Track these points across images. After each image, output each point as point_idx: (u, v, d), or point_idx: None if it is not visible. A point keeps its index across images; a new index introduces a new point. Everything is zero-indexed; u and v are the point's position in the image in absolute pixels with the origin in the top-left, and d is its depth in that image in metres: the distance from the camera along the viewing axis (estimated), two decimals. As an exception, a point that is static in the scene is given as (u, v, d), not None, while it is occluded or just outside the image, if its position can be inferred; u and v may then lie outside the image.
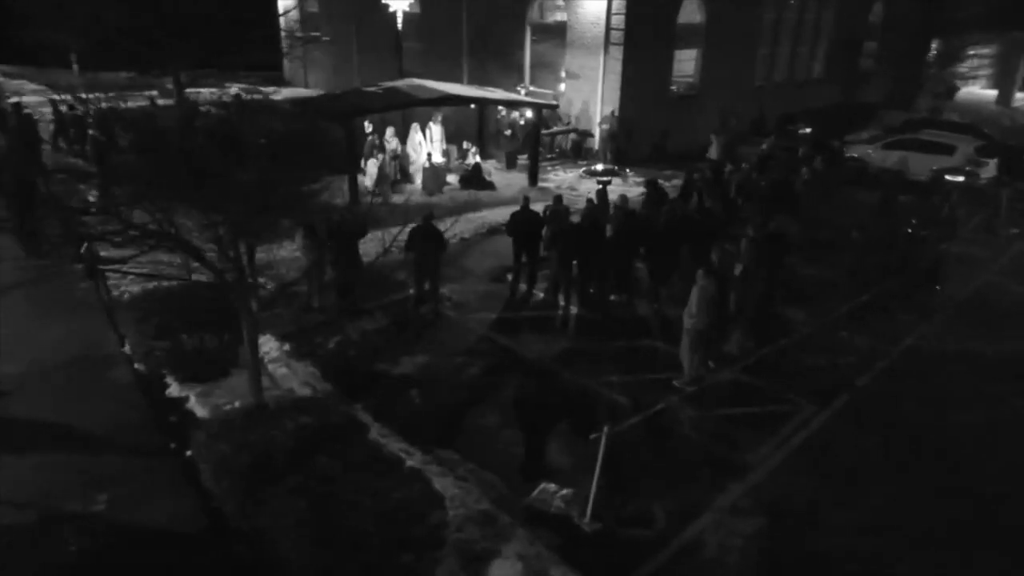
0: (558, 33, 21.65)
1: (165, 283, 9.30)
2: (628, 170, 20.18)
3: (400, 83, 18.07)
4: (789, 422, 8.74)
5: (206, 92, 30.81)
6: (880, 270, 11.80)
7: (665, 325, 10.94)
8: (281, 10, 34.41)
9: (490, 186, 18.03)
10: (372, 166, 16.24)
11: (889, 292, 11.96)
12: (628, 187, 17.94)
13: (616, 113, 20.34)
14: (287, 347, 9.87)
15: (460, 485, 7.15)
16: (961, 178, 16.56)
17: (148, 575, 5.77)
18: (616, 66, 20.18)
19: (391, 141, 17.91)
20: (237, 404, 7.56)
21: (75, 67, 25.57)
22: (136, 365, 8.69)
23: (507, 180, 18.84)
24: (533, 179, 18.49)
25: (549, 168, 20.54)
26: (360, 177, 16.38)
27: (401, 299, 11.70)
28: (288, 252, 12.31)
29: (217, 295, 7.83)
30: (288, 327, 10.65)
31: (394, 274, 12.33)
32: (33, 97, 26.72)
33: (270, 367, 9.04)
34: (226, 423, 6.73)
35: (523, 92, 21.57)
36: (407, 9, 19.18)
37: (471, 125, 20.07)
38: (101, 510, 6.12)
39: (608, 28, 19.95)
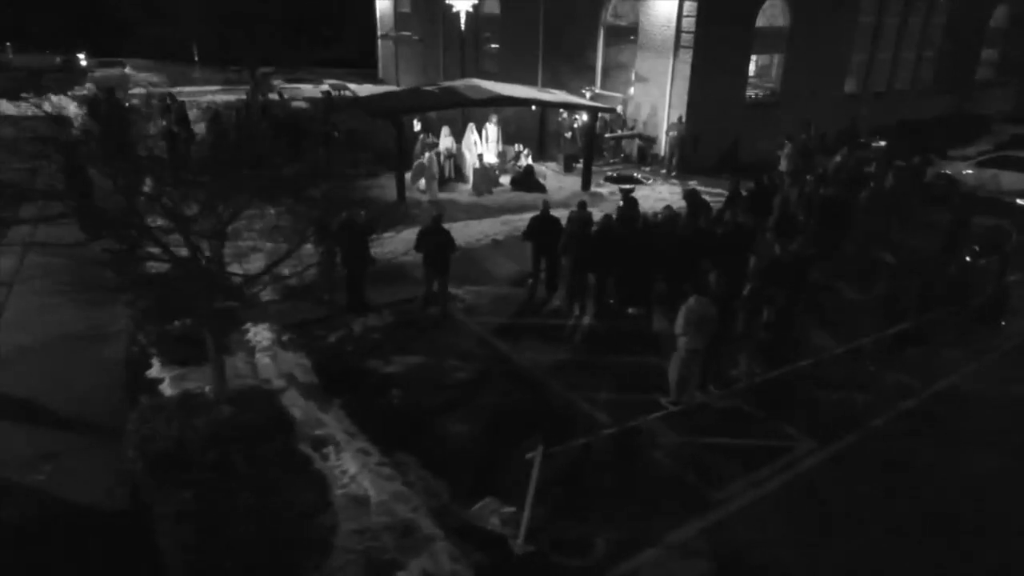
0: (630, 35, 21.11)
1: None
2: (672, 176, 19.44)
3: (458, 83, 18.19)
4: (778, 459, 8.05)
5: (306, 87, 32.36)
6: (923, 298, 10.64)
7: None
8: (378, 12, 35.69)
9: (541, 189, 17.80)
10: (417, 164, 16.40)
11: (935, 324, 10.79)
12: (659, 196, 17.30)
13: (683, 119, 19.57)
14: (285, 337, 10.10)
15: (398, 491, 7.05)
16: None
17: (42, 548, 6.00)
18: (685, 70, 19.42)
19: (446, 140, 18.07)
20: (207, 389, 7.80)
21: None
22: (134, 346, 9.16)
23: (560, 184, 18.55)
24: (586, 184, 18.11)
25: (609, 172, 20.05)
26: (408, 174, 16.60)
27: (412, 298, 11.71)
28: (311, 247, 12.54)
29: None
30: (296, 318, 10.93)
31: (412, 273, 12.37)
32: (159, 90, 28.79)
33: (258, 356, 9.28)
34: (157, 408, 6.94)
35: (588, 95, 21.17)
36: (470, 10, 19.25)
37: (533, 127, 19.94)
38: (40, 481, 6.46)
39: (678, 30, 19.23)
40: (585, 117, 18.57)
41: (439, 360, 10.05)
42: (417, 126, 16.66)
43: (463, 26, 19.58)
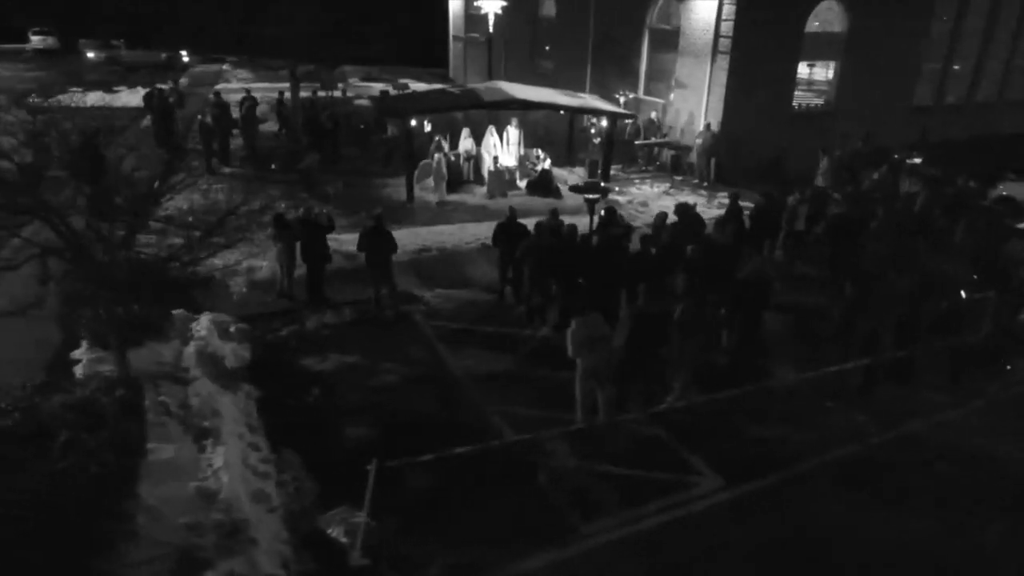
0: (674, 39, 20.35)
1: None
2: (703, 186, 18.47)
3: (480, 85, 18.17)
4: (671, 495, 7.50)
5: (378, 87, 33.13)
6: (904, 331, 9.54)
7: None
8: (451, 14, 36.23)
9: (556, 193, 17.48)
10: (423, 164, 16.48)
11: (926, 361, 9.73)
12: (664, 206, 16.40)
13: (713, 127, 18.66)
14: (233, 328, 10.38)
15: (258, 489, 7.10)
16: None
17: None
18: (722, 76, 18.52)
19: (466, 142, 18.08)
20: (110, 372, 8.14)
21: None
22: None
23: (579, 190, 18.12)
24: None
25: (637, 180, 19.43)
26: (417, 174, 16.73)
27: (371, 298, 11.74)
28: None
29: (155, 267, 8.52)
30: (256, 309, 11.26)
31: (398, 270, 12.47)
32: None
33: (192, 344, 9.58)
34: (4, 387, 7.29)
35: (623, 100, 20.58)
36: (499, 12, 19.13)
37: (563, 131, 19.60)
38: None
39: (716, 35, 18.35)
40: (605, 122, 18.06)
41: (374, 362, 10.05)
42: (428, 127, 16.71)
43: (491, 27, 19.49)
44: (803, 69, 20.40)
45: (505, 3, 19.04)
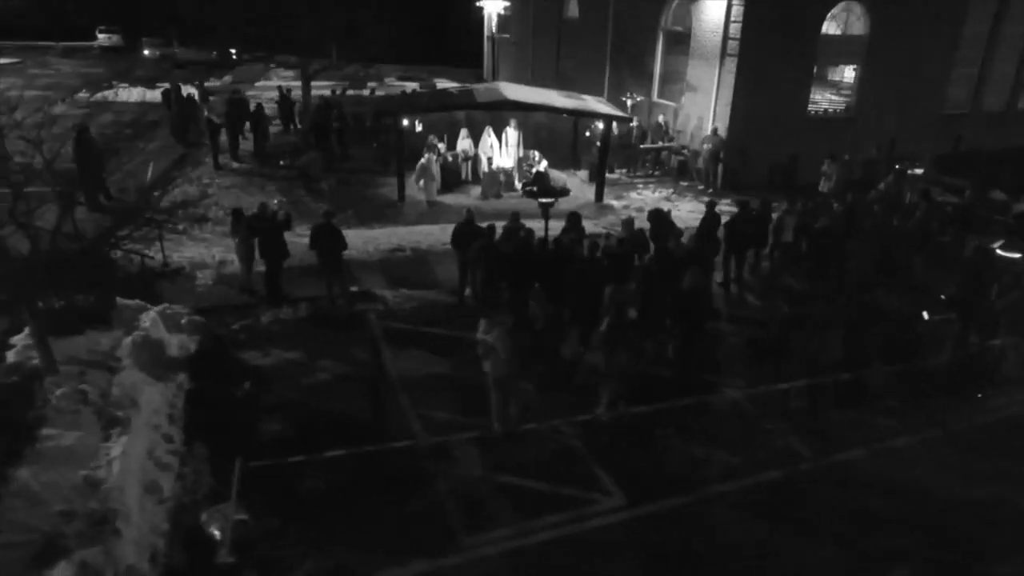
0: (687, 41, 19.81)
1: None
2: (707, 192, 17.77)
3: (479, 86, 18.07)
4: (566, 511, 7.23)
5: (411, 85, 33.41)
6: (855, 350, 8.98)
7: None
8: (486, 14, 36.26)
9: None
10: (418, 165, 16.47)
11: (890, 385, 9.17)
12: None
13: (720, 132, 18.08)
14: (184, 320, 10.55)
15: (152, 480, 7.20)
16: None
17: None
18: (730, 79, 17.90)
19: (464, 142, 18.01)
20: (35, 361, 8.38)
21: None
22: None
23: (576, 193, 17.79)
24: (599, 195, 17.28)
25: (640, 185, 19.01)
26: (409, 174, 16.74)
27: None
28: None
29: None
30: (213, 302, 11.44)
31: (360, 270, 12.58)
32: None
33: (135, 335, 9.77)
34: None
35: (630, 103, 20.16)
36: (501, 11, 18.96)
37: (568, 133, 19.33)
38: None
39: (725, 37, 17.77)
40: (608, 125, 17.67)
41: (314, 359, 10.08)
42: (419, 127, 16.69)
43: (494, 28, 19.35)
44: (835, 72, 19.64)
45: (508, 3, 18.79)
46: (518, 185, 17.86)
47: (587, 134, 18.70)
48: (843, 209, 13.10)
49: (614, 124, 18.63)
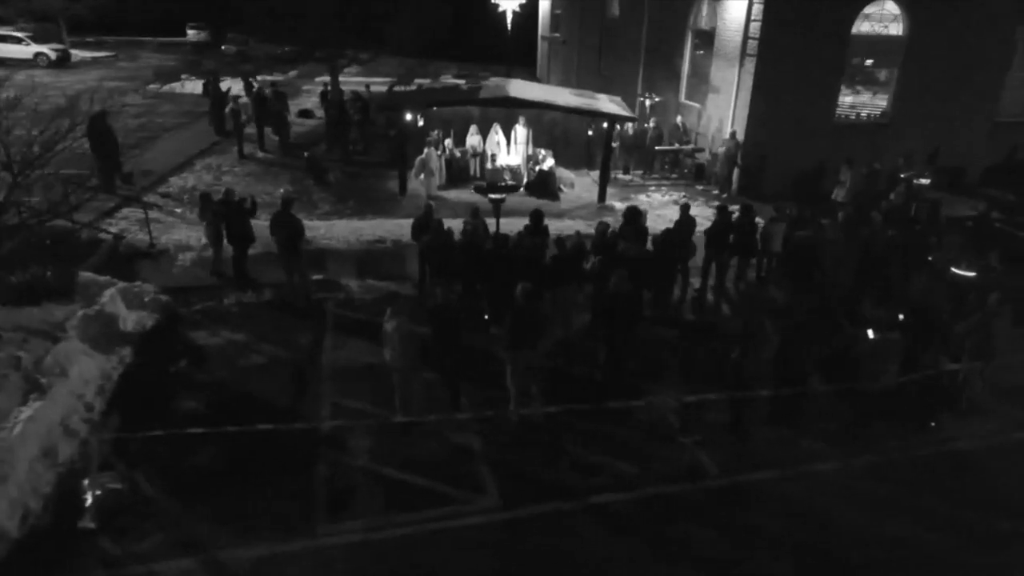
0: (712, 41, 19.13)
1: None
2: (721, 197, 17.07)
3: (489, 82, 18.00)
4: (437, 508, 7.14)
5: (461, 82, 33.77)
6: (784, 368, 8.40)
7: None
8: (540, 13, 36.22)
9: (553, 196, 17.07)
10: (418, 160, 16.61)
11: (803, 405, 8.60)
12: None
13: (739, 135, 17.36)
14: (148, 298, 11.03)
15: (50, 446, 7.58)
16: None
17: None
18: (749, 81, 17.16)
19: (472, 138, 18.05)
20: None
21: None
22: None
23: (580, 192, 17.55)
24: (602, 195, 16.94)
25: (652, 188, 18.51)
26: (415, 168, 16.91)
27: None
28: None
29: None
30: (183, 282, 11.93)
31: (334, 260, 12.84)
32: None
33: (88, 309, 10.27)
34: None
35: (648, 103, 19.64)
36: (517, 9, 18.84)
37: (582, 133, 19.03)
38: None
39: (745, 37, 17.05)
40: (629, 127, 17.36)
41: (255, 343, 10.34)
42: (420, 122, 16.80)
43: (509, 26, 19.23)
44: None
45: (523, 2, 18.71)
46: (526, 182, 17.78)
47: (589, 133, 18.35)
48: (842, 220, 12.31)
49: (628, 125, 18.31)
